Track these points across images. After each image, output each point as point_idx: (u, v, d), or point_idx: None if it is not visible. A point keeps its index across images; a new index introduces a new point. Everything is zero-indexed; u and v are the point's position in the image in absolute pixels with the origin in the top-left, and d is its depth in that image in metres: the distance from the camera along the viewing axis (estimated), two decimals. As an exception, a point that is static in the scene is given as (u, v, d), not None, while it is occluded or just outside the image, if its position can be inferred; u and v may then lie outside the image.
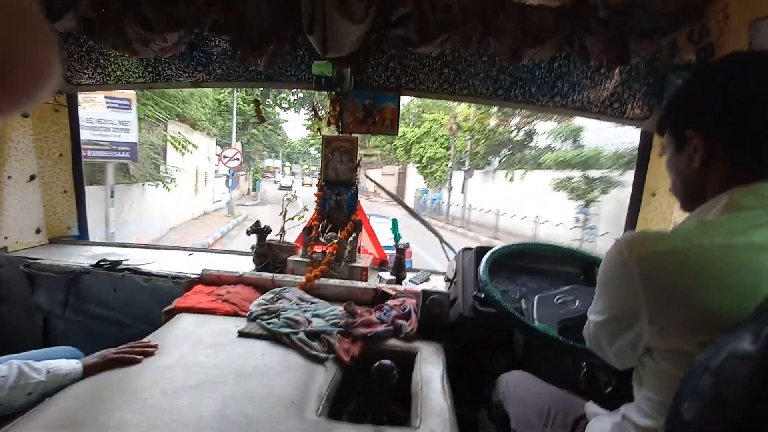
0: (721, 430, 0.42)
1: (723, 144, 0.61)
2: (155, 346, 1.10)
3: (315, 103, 2.06)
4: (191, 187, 11.83)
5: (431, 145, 18.27)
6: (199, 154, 11.38)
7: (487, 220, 14.41)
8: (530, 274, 1.41)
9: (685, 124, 0.66)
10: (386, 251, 2.10)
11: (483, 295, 1.24)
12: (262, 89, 13.12)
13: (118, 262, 1.75)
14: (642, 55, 1.40)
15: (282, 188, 30.02)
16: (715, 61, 0.64)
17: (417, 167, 19.53)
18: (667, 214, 1.54)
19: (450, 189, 16.56)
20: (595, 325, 0.71)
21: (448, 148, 17.41)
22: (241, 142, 17.34)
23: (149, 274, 1.70)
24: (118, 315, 1.69)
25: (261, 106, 2.21)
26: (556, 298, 1.19)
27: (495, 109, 14.11)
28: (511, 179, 14.18)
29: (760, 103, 0.58)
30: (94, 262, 1.75)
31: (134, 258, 1.88)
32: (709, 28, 1.31)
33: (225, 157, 12.12)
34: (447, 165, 17.40)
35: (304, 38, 1.50)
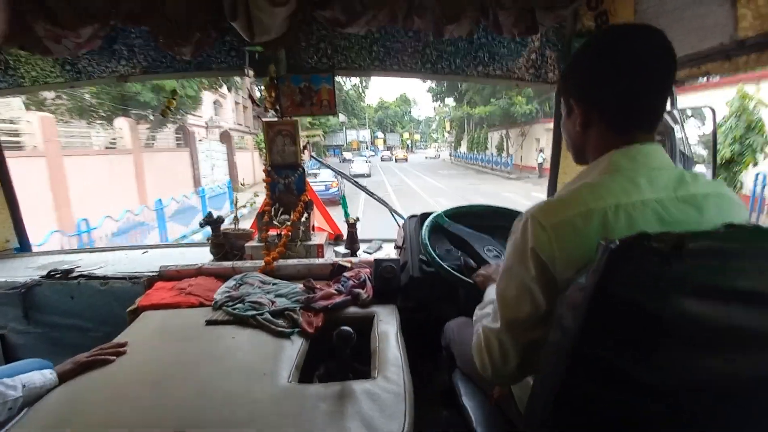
0: (564, 350, 0.57)
1: (597, 112, 0.73)
2: (125, 344, 1.15)
3: (249, 88, 2.03)
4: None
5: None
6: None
7: None
8: (474, 231, 1.55)
9: (569, 93, 0.78)
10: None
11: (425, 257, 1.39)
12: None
13: (70, 270, 1.73)
14: (549, 24, 1.54)
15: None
16: (591, 38, 0.74)
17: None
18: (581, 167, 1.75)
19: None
20: (495, 317, 0.74)
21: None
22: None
23: (105, 277, 1.69)
24: (80, 321, 1.69)
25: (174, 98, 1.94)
26: (485, 249, 1.36)
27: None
28: None
29: (625, 74, 0.69)
30: (43, 273, 1.72)
31: (86, 263, 1.85)
32: (603, -3, 1.46)
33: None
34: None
35: (230, 24, 1.48)
